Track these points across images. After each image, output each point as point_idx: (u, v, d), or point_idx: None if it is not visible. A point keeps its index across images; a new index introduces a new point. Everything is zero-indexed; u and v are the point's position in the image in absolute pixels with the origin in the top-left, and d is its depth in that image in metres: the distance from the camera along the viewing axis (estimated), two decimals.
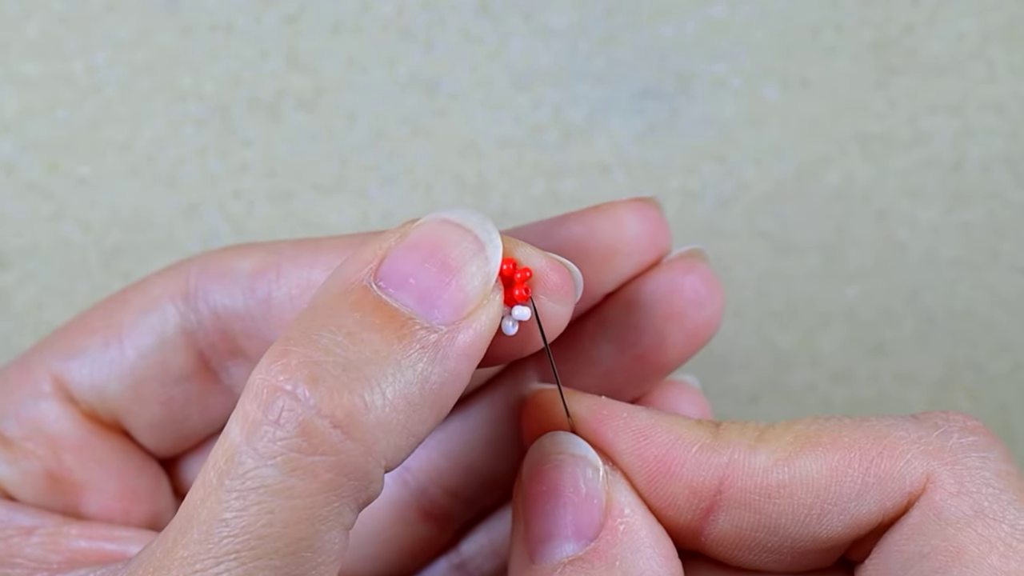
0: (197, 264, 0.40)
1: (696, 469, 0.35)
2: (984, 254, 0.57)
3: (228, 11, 0.55)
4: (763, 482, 0.35)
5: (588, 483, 0.35)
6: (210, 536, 0.31)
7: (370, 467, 0.32)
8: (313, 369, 0.31)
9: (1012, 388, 0.57)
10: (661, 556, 0.35)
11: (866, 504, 0.35)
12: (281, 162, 0.55)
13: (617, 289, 0.40)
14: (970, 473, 0.34)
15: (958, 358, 0.57)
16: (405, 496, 0.42)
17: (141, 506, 0.40)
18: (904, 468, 0.35)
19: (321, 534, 0.32)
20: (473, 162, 0.56)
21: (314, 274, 0.38)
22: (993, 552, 0.33)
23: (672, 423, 0.36)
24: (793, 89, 0.56)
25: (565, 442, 0.36)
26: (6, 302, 0.56)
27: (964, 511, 0.34)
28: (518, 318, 0.35)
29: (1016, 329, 0.57)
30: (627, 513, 0.35)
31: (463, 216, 0.34)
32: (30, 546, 0.37)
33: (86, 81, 0.55)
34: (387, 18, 0.55)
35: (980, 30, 0.55)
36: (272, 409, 0.31)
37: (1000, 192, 0.56)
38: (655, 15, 0.55)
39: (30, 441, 0.39)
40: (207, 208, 0.55)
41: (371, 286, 0.33)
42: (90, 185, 0.55)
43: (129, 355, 0.39)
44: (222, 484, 0.31)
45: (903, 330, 0.57)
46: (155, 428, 0.40)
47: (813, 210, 0.56)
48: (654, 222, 0.39)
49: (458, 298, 0.33)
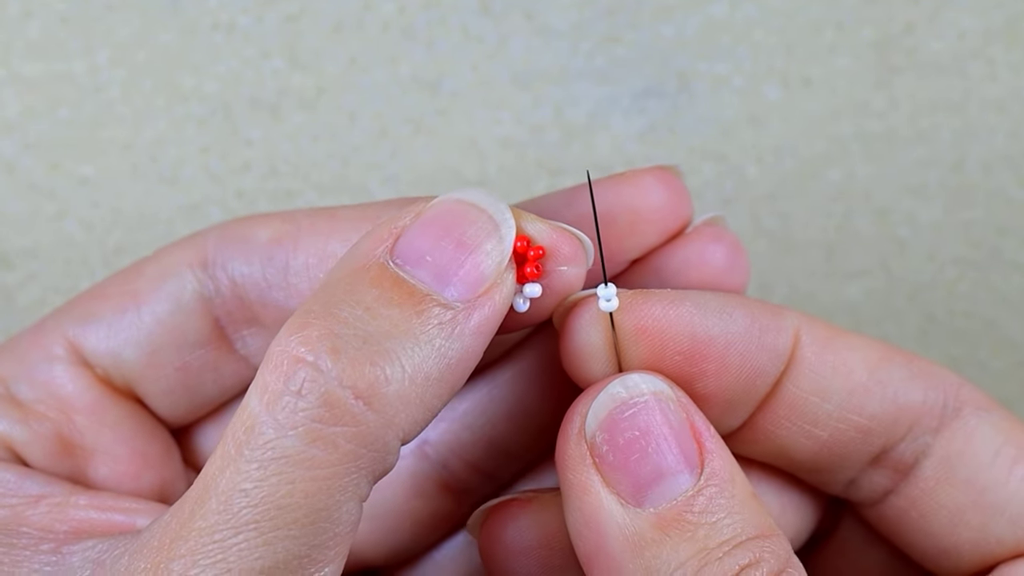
0: (215, 232, 0.40)
1: (779, 333, 0.37)
2: (985, 252, 0.57)
3: (230, 11, 0.55)
4: (824, 347, 0.37)
5: (674, 415, 0.35)
6: (229, 506, 0.31)
7: (389, 439, 0.32)
8: (335, 341, 0.32)
9: (1014, 386, 0.57)
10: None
11: (912, 392, 0.38)
12: (283, 161, 0.55)
13: (644, 257, 0.40)
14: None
15: (959, 356, 0.57)
16: (426, 469, 0.42)
17: (151, 473, 0.40)
18: (941, 370, 0.38)
19: (340, 504, 0.32)
20: (474, 161, 0.56)
21: (331, 244, 0.39)
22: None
23: (740, 303, 0.37)
24: (794, 88, 0.56)
25: (638, 382, 0.36)
26: (9, 302, 0.56)
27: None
28: (529, 295, 0.35)
29: (1017, 327, 0.57)
30: (707, 431, 0.35)
31: (478, 196, 0.35)
32: (37, 514, 0.37)
33: (88, 81, 0.55)
34: (388, 17, 0.55)
35: (981, 29, 0.56)
36: (294, 379, 0.32)
37: (1001, 190, 0.56)
38: (656, 14, 0.55)
39: (42, 404, 0.39)
40: (209, 207, 0.55)
41: (388, 263, 0.34)
42: (92, 185, 0.55)
43: (146, 320, 0.40)
44: (241, 454, 0.32)
45: (905, 328, 0.57)
46: (169, 395, 0.40)
47: (814, 208, 0.56)
48: (676, 190, 0.40)
49: (473, 276, 0.34)
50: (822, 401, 0.37)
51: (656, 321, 0.36)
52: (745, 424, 0.38)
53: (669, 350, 0.36)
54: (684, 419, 0.35)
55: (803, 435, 0.38)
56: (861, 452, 0.38)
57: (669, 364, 0.36)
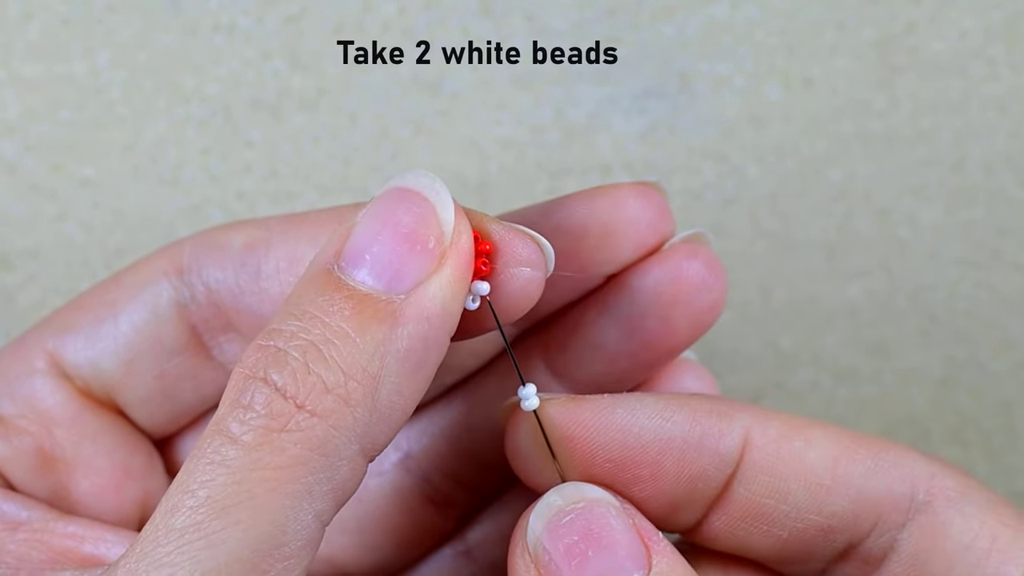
0: (191, 241, 0.40)
1: (722, 437, 0.36)
2: (986, 253, 0.57)
3: (230, 12, 0.55)
4: (779, 447, 0.37)
5: (615, 518, 0.35)
6: (176, 508, 0.32)
7: (339, 443, 0.32)
8: (277, 355, 0.33)
9: (1014, 386, 0.57)
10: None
11: (875, 487, 0.37)
12: (284, 163, 0.55)
13: (620, 273, 0.40)
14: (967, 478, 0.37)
15: (960, 356, 0.57)
16: (408, 484, 0.42)
17: (133, 485, 0.40)
18: (912, 461, 0.37)
19: (289, 511, 0.32)
20: (475, 162, 0.56)
21: (300, 247, 0.39)
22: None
23: (683, 404, 0.37)
24: (795, 88, 0.56)
25: (572, 491, 0.36)
26: (10, 303, 0.56)
27: (982, 502, 0.37)
28: (478, 292, 0.35)
29: (1018, 327, 0.57)
30: (654, 533, 0.35)
31: (412, 180, 0.35)
32: (14, 542, 0.37)
33: (89, 82, 0.55)
34: (389, 18, 0.55)
35: (982, 28, 0.56)
36: (244, 394, 0.32)
37: (1002, 190, 0.56)
38: (657, 14, 0.55)
39: (23, 418, 0.39)
40: (210, 209, 0.55)
41: (333, 268, 0.34)
42: (93, 186, 0.55)
43: (123, 329, 0.40)
44: (192, 459, 0.32)
45: (905, 329, 0.57)
46: (148, 403, 0.41)
47: (815, 209, 0.56)
48: (655, 205, 0.39)
49: (411, 265, 0.34)
50: (778, 503, 0.37)
51: (584, 429, 0.36)
52: (701, 522, 0.38)
53: (599, 457, 0.36)
54: (627, 522, 0.35)
55: (762, 534, 0.37)
56: (825, 549, 0.38)
57: (601, 470, 0.36)
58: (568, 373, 0.41)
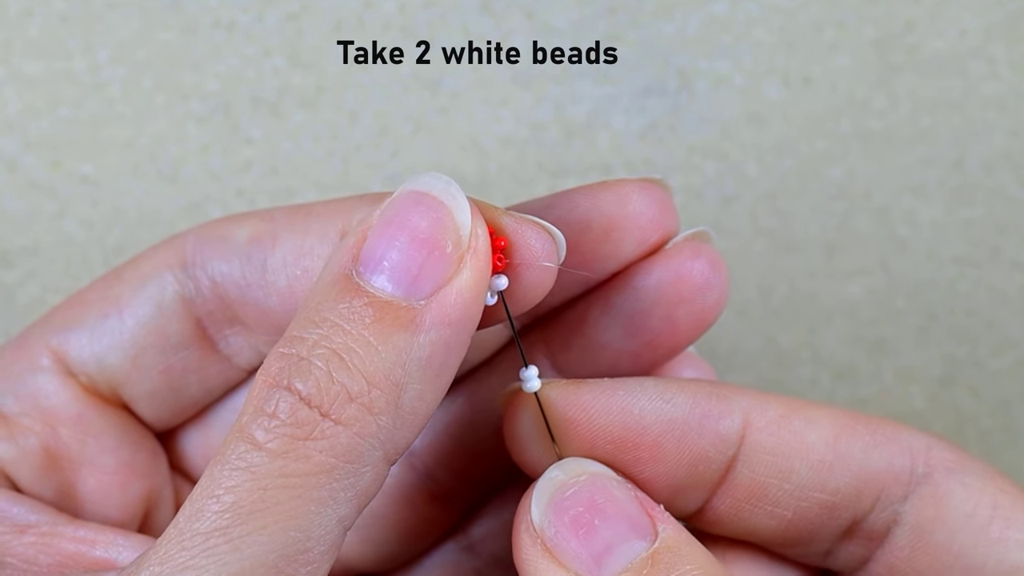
0: (194, 234, 0.40)
1: (722, 418, 0.37)
2: (985, 251, 0.57)
3: (230, 9, 0.55)
4: (779, 427, 0.37)
5: (618, 490, 0.36)
6: (201, 512, 0.32)
7: (363, 450, 0.33)
8: (300, 364, 0.33)
9: (1014, 384, 0.57)
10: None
11: (875, 462, 0.37)
12: (283, 160, 0.55)
13: (623, 272, 0.40)
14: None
15: (960, 355, 0.57)
16: (412, 479, 0.42)
17: (138, 482, 0.40)
18: (908, 435, 0.38)
19: (313, 517, 0.32)
20: (475, 160, 0.56)
21: (307, 240, 0.39)
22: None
23: (683, 387, 0.37)
24: (795, 86, 0.56)
25: (575, 465, 0.36)
26: (9, 300, 0.56)
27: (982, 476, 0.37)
28: (495, 288, 0.35)
29: (1017, 325, 0.57)
30: (656, 506, 0.36)
31: (428, 183, 0.35)
32: (21, 545, 0.37)
33: (88, 79, 0.55)
34: (389, 16, 0.55)
35: (981, 27, 0.56)
36: (268, 402, 0.33)
37: (1001, 189, 0.56)
38: (657, 13, 0.55)
39: (27, 417, 0.39)
40: (210, 206, 0.55)
41: (352, 274, 0.34)
42: (93, 183, 0.55)
43: (128, 324, 0.40)
44: (217, 464, 0.32)
45: (905, 327, 0.57)
46: (154, 398, 0.41)
47: (815, 207, 0.56)
48: (659, 202, 0.39)
49: (430, 271, 0.34)
50: (781, 482, 0.37)
51: (585, 412, 0.37)
52: (705, 506, 0.38)
53: (600, 439, 0.37)
54: (630, 494, 0.36)
55: (766, 515, 0.38)
56: (830, 526, 0.38)
57: (602, 452, 0.37)
58: (571, 371, 0.41)
